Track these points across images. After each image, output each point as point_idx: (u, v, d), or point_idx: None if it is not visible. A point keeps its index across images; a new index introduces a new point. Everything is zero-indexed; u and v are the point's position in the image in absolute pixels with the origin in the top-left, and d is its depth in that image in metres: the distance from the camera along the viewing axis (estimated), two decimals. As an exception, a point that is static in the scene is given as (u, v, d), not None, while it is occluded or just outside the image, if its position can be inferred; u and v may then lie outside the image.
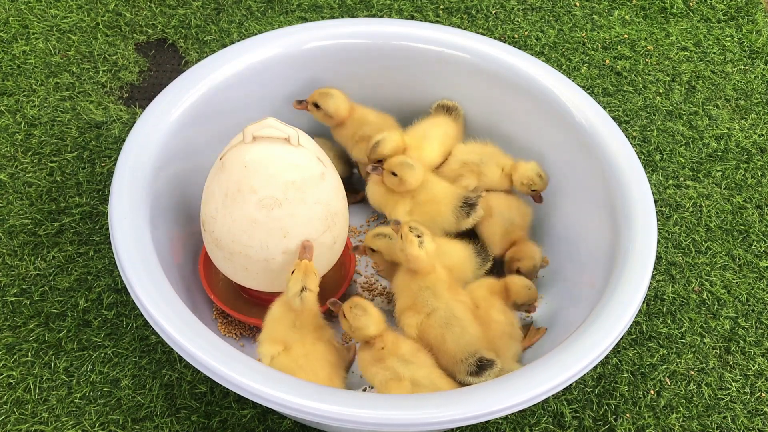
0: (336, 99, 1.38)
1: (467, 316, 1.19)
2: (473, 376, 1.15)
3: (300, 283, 1.12)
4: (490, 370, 1.14)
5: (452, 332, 1.17)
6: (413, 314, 1.19)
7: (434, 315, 1.18)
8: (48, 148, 1.52)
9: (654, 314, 1.38)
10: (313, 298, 1.13)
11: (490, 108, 1.44)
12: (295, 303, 1.13)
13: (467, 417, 1.00)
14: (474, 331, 1.18)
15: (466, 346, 1.16)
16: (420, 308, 1.18)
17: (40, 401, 1.23)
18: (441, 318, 1.17)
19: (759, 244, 1.49)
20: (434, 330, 1.17)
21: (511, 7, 1.85)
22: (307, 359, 1.13)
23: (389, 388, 1.11)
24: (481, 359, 1.15)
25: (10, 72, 1.63)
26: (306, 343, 1.13)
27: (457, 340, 1.16)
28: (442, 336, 1.17)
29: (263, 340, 1.15)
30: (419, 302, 1.19)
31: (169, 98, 1.30)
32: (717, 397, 1.30)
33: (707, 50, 1.80)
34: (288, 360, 1.12)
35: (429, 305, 1.18)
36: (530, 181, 1.35)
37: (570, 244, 1.36)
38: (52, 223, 1.41)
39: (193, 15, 1.77)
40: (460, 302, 1.20)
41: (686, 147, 1.62)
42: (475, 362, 1.15)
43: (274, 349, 1.13)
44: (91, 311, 1.32)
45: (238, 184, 1.14)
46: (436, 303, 1.18)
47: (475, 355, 1.15)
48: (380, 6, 1.81)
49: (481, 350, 1.16)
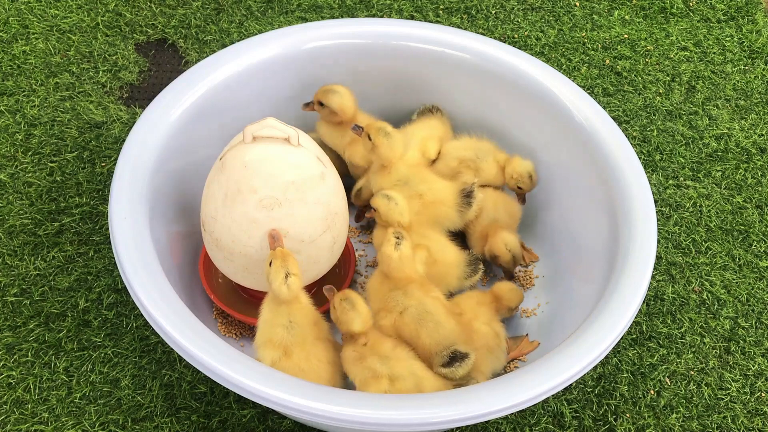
0: (341, 96, 1.37)
1: (440, 310, 1.19)
2: (444, 367, 1.15)
3: (282, 269, 1.11)
4: (461, 362, 1.14)
5: (426, 327, 1.17)
6: (385, 314, 1.19)
7: (406, 313, 1.18)
8: (48, 148, 1.52)
9: (654, 314, 1.38)
10: (298, 283, 1.12)
11: (489, 108, 1.44)
12: (282, 292, 1.11)
13: (467, 417, 1.00)
14: (449, 326, 1.18)
15: (442, 340, 1.16)
16: (392, 308, 1.19)
17: (40, 401, 1.23)
18: (413, 315, 1.18)
19: (759, 244, 1.49)
20: (408, 327, 1.18)
21: (511, 7, 1.85)
22: (309, 362, 1.12)
23: (368, 386, 1.11)
24: (455, 352, 1.15)
25: (10, 72, 1.64)
26: (306, 344, 1.13)
27: (431, 335, 1.16)
28: (416, 331, 1.17)
29: (260, 344, 1.14)
30: (390, 303, 1.19)
31: (169, 98, 1.30)
32: (717, 397, 1.30)
33: (707, 50, 1.80)
34: (289, 365, 1.11)
35: (400, 304, 1.19)
36: (520, 178, 1.35)
37: (570, 245, 1.36)
38: (52, 223, 1.41)
39: (193, 15, 1.77)
40: (432, 298, 1.20)
41: (686, 147, 1.62)
42: (447, 354, 1.15)
43: (274, 354, 1.12)
44: (91, 311, 1.32)
45: (238, 184, 1.14)
46: (407, 301, 1.18)
47: (450, 348, 1.15)
48: (380, 6, 1.81)
49: (458, 344, 1.16)
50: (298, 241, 1.17)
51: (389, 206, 1.27)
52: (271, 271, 1.11)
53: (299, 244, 1.17)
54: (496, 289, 1.29)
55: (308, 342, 1.13)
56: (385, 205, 1.27)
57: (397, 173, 1.32)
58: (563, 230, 1.38)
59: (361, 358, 1.13)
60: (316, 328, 1.15)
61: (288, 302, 1.12)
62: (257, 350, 1.14)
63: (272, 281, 1.11)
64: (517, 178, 1.36)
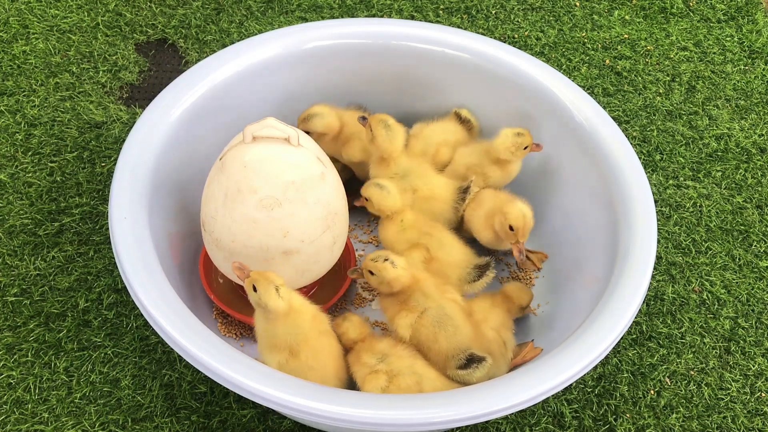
0: (322, 116, 1.37)
1: (459, 314, 1.18)
2: (461, 369, 1.14)
3: (270, 286, 1.09)
4: (479, 365, 1.14)
5: (445, 331, 1.16)
6: (406, 314, 1.18)
7: (426, 314, 1.17)
8: (48, 148, 1.52)
9: (654, 314, 1.38)
10: (288, 291, 1.11)
11: (489, 108, 1.44)
12: (280, 306, 1.09)
13: (467, 417, 1.00)
14: (467, 330, 1.17)
15: (459, 344, 1.16)
16: (412, 308, 1.18)
17: (40, 401, 1.23)
18: (433, 317, 1.17)
19: (759, 244, 1.49)
20: (426, 329, 1.17)
21: (511, 7, 1.85)
22: (318, 359, 1.12)
23: (367, 382, 1.11)
24: (472, 354, 1.15)
25: (10, 72, 1.64)
26: (310, 341, 1.12)
27: (449, 339, 1.16)
28: (434, 335, 1.16)
29: (264, 350, 1.13)
30: (410, 303, 1.18)
31: (169, 98, 1.30)
32: (717, 397, 1.30)
33: (707, 50, 1.80)
34: (297, 364, 1.11)
35: (421, 304, 1.18)
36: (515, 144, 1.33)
37: (570, 244, 1.36)
38: (52, 223, 1.41)
39: (193, 15, 1.77)
40: (450, 300, 1.19)
41: (686, 147, 1.62)
42: (464, 357, 1.15)
43: (281, 356, 1.11)
44: (91, 311, 1.32)
45: (238, 184, 1.14)
46: (426, 302, 1.18)
47: (467, 351, 1.15)
48: (380, 6, 1.81)
49: (473, 348, 1.16)
50: (298, 241, 1.17)
51: (382, 195, 1.27)
52: (261, 292, 1.09)
53: (299, 244, 1.17)
54: (505, 289, 1.28)
55: (312, 338, 1.13)
56: (377, 194, 1.27)
57: (397, 166, 1.33)
58: (563, 230, 1.38)
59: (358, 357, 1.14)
60: (315, 321, 1.15)
61: (284, 316, 1.11)
62: (261, 357, 1.14)
63: (266, 301, 1.09)
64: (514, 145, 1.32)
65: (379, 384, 1.11)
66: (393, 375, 1.12)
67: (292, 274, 1.19)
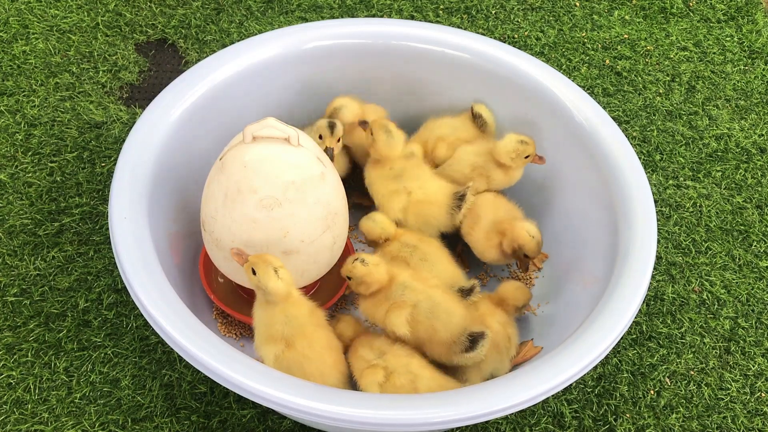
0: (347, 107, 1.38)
1: (446, 297, 1.18)
2: (469, 352, 1.14)
3: (268, 268, 1.10)
4: (483, 341, 1.14)
5: (440, 320, 1.16)
6: (398, 311, 1.16)
7: (418, 308, 1.16)
8: (48, 148, 1.52)
9: (654, 314, 1.38)
10: (288, 273, 1.12)
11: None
12: (279, 287, 1.10)
13: (467, 417, 1.00)
14: (458, 311, 1.17)
15: (456, 328, 1.16)
16: (401, 303, 1.17)
17: (40, 401, 1.23)
18: (425, 309, 1.16)
19: (759, 244, 1.49)
20: (422, 324, 1.16)
21: (511, 7, 1.85)
22: (313, 349, 1.12)
23: (365, 376, 1.12)
24: (472, 334, 1.15)
25: (10, 72, 1.64)
26: (306, 332, 1.13)
27: (446, 326, 1.16)
28: (432, 327, 1.16)
29: (260, 343, 1.14)
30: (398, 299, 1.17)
31: (169, 98, 1.30)
32: (717, 397, 1.30)
33: (707, 50, 1.80)
34: (293, 355, 1.11)
35: (409, 298, 1.17)
36: (516, 150, 1.33)
37: (569, 244, 1.36)
38: (52, 223, 1.41)
39: (193, 15, 1.77)
40: (434, 287, 1.19)
41: (686, 147, 1.62)
42: (466, 338, 1.15)
43: (277, 348, 1.12)
44: (91, 311, 1.32)
45: (238, 184, 1.14)
46: (415, 296, 1.17)
47: (465, 332, 1.15)
48: (380, 6, 1.81)
49: (469, 326, 1.16)
50: (298, 241, 1.17)
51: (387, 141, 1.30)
52: (260, 275, 1.10)
53: (299, 244, 1.17)
54: (500, 290, 1.28)
55: (308, 330, 1.13)
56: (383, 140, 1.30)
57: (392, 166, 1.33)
58: (563, 230, 1.38)
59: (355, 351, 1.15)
60: (313, 316, 1.15)
61: (283, 299, 1.12)
62: (258, 350, 1.14)
63: (265, 283, 1.10)
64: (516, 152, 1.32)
65: (377, 378, 1.11)
66: (389, 372, 1.12)
67: (292, 273, 1.19)
